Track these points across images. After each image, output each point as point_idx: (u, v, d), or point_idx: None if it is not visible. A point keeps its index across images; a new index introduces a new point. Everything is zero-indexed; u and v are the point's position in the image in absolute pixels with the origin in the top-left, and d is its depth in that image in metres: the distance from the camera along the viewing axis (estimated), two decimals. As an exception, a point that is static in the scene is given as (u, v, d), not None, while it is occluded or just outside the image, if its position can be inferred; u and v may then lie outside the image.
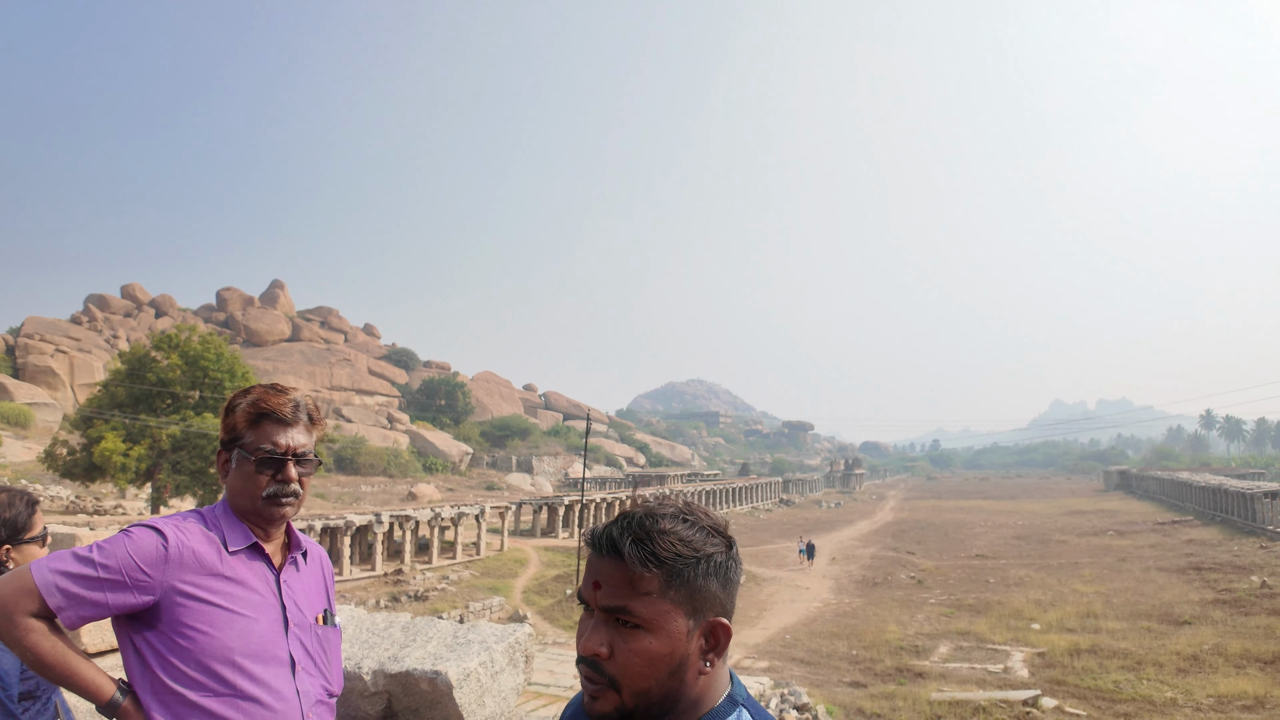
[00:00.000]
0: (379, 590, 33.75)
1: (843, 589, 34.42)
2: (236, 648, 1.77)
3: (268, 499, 1.90)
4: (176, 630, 1.74)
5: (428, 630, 3.02)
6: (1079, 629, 23.84)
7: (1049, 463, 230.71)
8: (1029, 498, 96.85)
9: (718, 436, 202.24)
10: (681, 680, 1.13)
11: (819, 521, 69.55)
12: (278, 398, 1.96)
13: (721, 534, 1.19)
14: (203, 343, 38.96)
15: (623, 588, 1.12)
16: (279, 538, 1.99)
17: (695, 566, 1.13)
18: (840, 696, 18.01)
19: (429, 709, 2.68)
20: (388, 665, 2.76)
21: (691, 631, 1.13)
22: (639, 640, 1.11)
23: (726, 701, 1.18)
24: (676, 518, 1.16)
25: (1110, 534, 50.94)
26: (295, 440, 1.94)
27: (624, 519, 1.18)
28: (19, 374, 71.08)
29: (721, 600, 1.17)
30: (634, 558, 1.12)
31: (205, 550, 1.81)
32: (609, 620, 1.14)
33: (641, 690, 1.11)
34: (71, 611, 1.67)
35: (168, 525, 1.81)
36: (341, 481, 69.45)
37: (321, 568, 2.11)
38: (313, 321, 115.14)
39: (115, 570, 1.69)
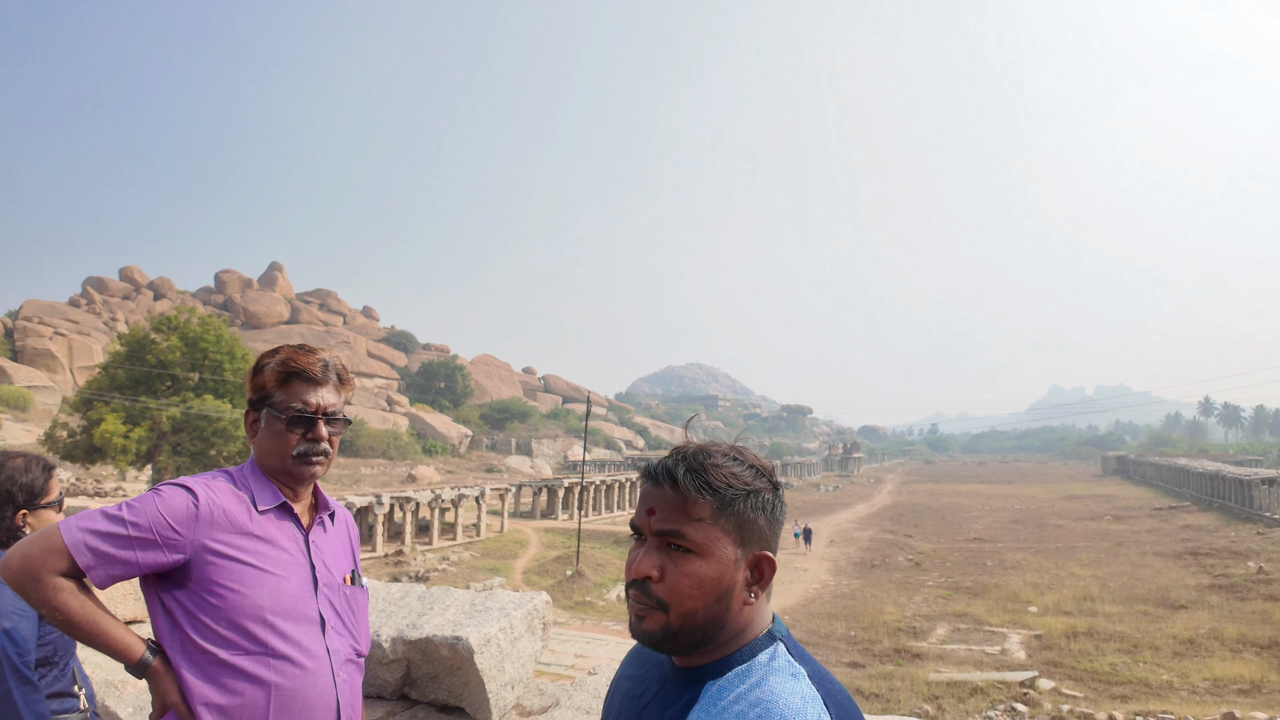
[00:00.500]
0: (380, 571, 33.87)
1: (841, 571, 34.55)
2: (267, 606, 1.75)
3: (298, 458, 1.89)
4: (207, 589, 1.72)
5: (445, 599, 3.05)
6: (1076, 612, 23.97)
7: (1047, 448, 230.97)
8: (1026, 482, 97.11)
9: (717, 420, 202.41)
10: (727, 607, 1.18)
11: (817, 505, 69.74)
12: (307, 357, 1.95)
13: (769, 475, 1.24)
14: (202, 325, 38.91)
15: (677, 513, 1.18)
16: (307, 498, 1.99)
17: (745, 499, 1.19)
18: (839, 676, 18.04)
19: (449, 675, 2.71)
20: (407, 633, 2.78)
21: (739, 561, 1.18)
22: (690, 564, 1.16)
23: (766, 636, 1.22)
24: (728, 455, 1.22)
25: (1108, 519, 51.13)
26: (325, 399, 1.94)
27: (679, 452, 1.23)
28: (18, 357, 71.01)
29: (767, 536, 1.22)
30: (689, 485, 1.17)
31: (235, 509, 1.80)
32: (661, 545, 1.19)
33: (689, 611, 1.16)
34: (101, 570, 1.65)
35: (198, 483, 1.79)
36: (341, 464, 69.51)
37: (348, 530, 2.12)
38: (311, 304, 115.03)
39: (146, 528, 1.68)
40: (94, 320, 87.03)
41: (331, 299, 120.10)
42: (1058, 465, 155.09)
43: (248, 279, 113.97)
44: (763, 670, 1.17)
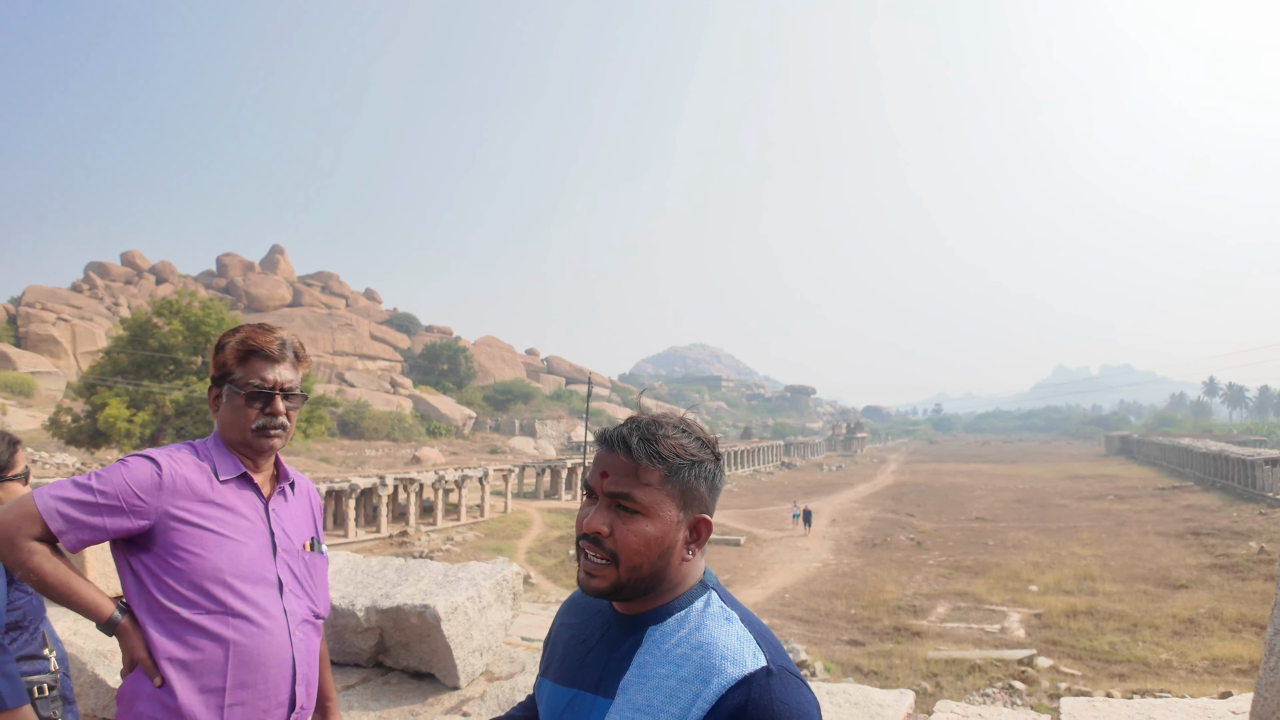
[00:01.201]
0: (384, 551, 34.06)
1: (842, 550, 34.70)
2: (226, 568, 1.87)
3: (256, 431, 1.99)
4: (170, 552, 1.83)
5: (419, 571, 3.11)
6: (1076, 591, 24.07)
7: (1051, 427, 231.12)
8: (1030, 462, 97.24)
9: (720, 400, 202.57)
10: (668, 562, 1.33)
11: (820, 484, 69.93)
12: (265, 335, 2.04)
13: (712, 447, 1.38)
14: (204, 308, 39.00)
15: (628, 478, 1.31)
16: (268, 469, 2.09)
17: (689, 468, 1.32)
18: (838, 654, 18.23)
19: (419, 642, 2.76)
20: (380, 602, 2.84)
21: (680, 522, 1.33)
22: (637, 523, 1.30)
23: (699, 585, 1.38)
24: (677, 427, 1.36)
25: (1110, 498, 51.24)
26: (282, 376, 2.03)
27: (633, 422, 1.37)
28: (21, 343, 71.15)
29: (706, 501, 1.36)
30: (640, 453, 1.31)
31: (197, 478, 1.91)
32: (612, 505, 1.33)
33: (635, 565, 1.30)
34: (72, 535, 1.77)
35: (162, 454, 1.91)
36: (346, 446, 69.74)
37: (310, 499, 2.23)
38: (313, 287, 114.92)
39: (113, 496, 1.79)
40: (97, 305, 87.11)
41: (333, 282, 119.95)
42: (1061, 445, 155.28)
43: (249, 262, 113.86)
44: (699, 616, 1.32)
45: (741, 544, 36.84)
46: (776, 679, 1.22)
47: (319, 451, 63.26)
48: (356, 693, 2.74)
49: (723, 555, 34.25)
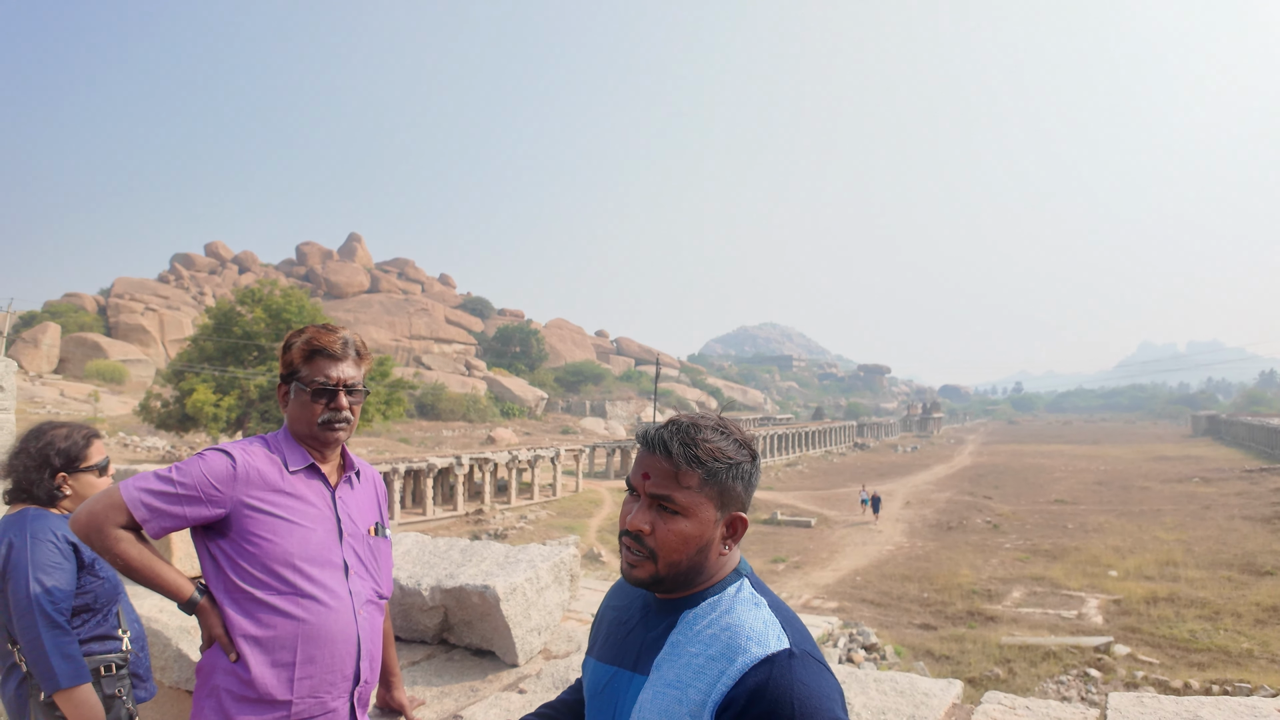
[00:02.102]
0: (460, 529, 34.83)
1: (916, 532, 34.28)
2: (296, 552, 2.04)
3: (323, 425, 2.15)
4: (245, 538, 2.01)
5: (483, 552, 3.27)
6: (1157, 577, 23.40)
7: (1135, 406, 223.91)
8: (1113, 443, 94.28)
9: (791, 380, 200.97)
10: (705, 557, 1.43)
11: (894, 466, 69.01)
12: (328, 335, 2.19)
13: (749, 447, 1.47)
14: (284, 296, 40.10)
15: (668, 480, 1.40)
16: (334, 460, 2.25)
17: (727, 470, 1.41)
18: (909, 638, 18.10)
19: (480, 621, 2.93)
20: (444, 582, 3.01)
21: (718, 520, 1.42)
22: (677, 523, 1.40)
23: (733, 574, 1.47)
24: (716, 429, 1.44)
25: (1195, 481, 49.43)
26: (345, 373, 2.19)
27: (673, 424, 1.45)
28: (112, 333, 74.28)
29: (743, 499, 1.45)
30: (680, 457, 1.39)
31: (268, 469, 2.08)
32: (653, 505, 1.42)
33: (674, 561, 1.41)
34: (155, 523, 1.95)
35: (236, 448, 2.08)
36: (424, 427, 71.31)
37: (375, 487, 2.39)
38: (390, 273, 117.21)
39: (191, 487, 1.97)
40: (183, 295, 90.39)
41: (409, 268, 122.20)
42: (1146, 425, 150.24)
43: (328, 250, 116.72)
44: (730, 600, 1.42)
45: (812, 525, 36.70)
46: (798, 661, 1.31)
47: (398, 432, 64.84)
48: (421, 668, 2.92)
49: (793, 536, 34.17)
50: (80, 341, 67.63)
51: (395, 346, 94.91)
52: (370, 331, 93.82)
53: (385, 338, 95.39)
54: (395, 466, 35.61)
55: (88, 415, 50.82)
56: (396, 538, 3.65)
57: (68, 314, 75.00)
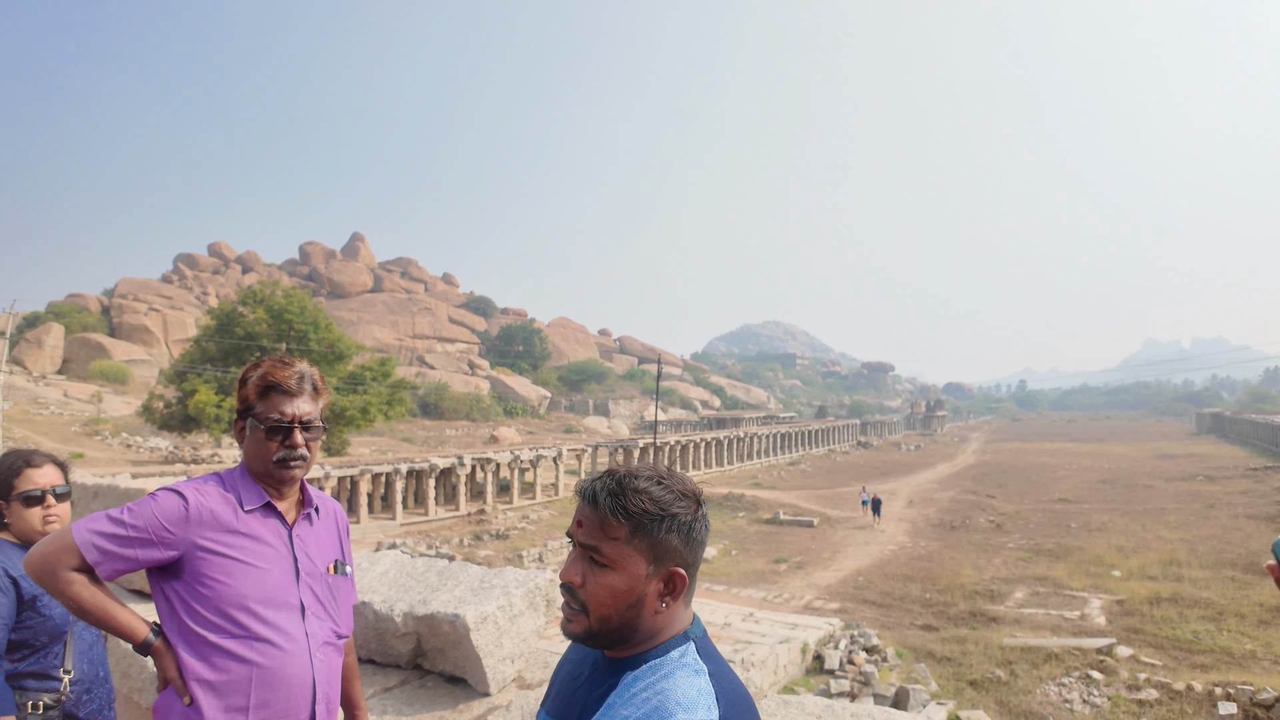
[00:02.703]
0: (463, 530, 34.80)
1: (919, 532, 34.19)
2: (250, 595, 1.99)
3: (277, 463, 2.10)
4: (198, 580, 1.97)
5: (459, 575, 3.23)
6: (1161, 577, 23.31)
7: (1140, 404, 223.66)
8: (1117, 440, 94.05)
9: (794, 379, 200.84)
10: (639, 614, 1.36)
11: (897, 464, 68.89)
12: (284, 370, 2.14)
13: (691, 497, 1.40)
14: (286, 296, 40.13)
15: (596, 531, 1.37)
16: (292, 496, 2.20)
17: (659, 522, 1.35)
18: (911, 639, 18.05)
19: (452, 649, 2.89)
20: (416, 608, 2.98)
21: (651, 575, 1.36)
22: (605, 576, 1.35)
23: (679, 636, 1.40)
24: (651, 479, 1.39)
25: (1199, 479, 49.27)
26: (300, 409, 2.13)
27: (608, 475, 1.41)
28: (115, 333, 74.43)
29: (682, 554, 1.38)
30: (607, 508, 1.36)
31: (222, 509, 2.04)
32: (585, 556, 1.39)
33: (604, 616, 1.36)
34: (107, 565, 1.92)
35: (188, 488, 2.04)
36: (427, 426, 71.38)
37: (336, 521, 2.34)
38: (393, 272, 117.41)
39: (143, 529, 1.93)
40: (186, 295, 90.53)
41: (412, 267, 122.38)
42: (1150, 423, 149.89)
43: (331, 250, 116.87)
44: (672, 665, 1.36)
45: (815, 525, 36.63)
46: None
47: (401, 432, 64.89)
48: (393, 695, 2.88)
49: (796, 536, 34.11)
50: (84, 342, 67.75)
51: (398, 346, 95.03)
52: (373, 331, 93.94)
53: (388, 337, 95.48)
54: (397, 467, 35.60)
55: (91, 416, 50.90)
56: (374, 558, 3.60)
57: (71, 314, 75.14)
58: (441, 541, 31.54)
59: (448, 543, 31.27)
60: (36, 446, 3.08)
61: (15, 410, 48.41)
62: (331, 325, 41.81)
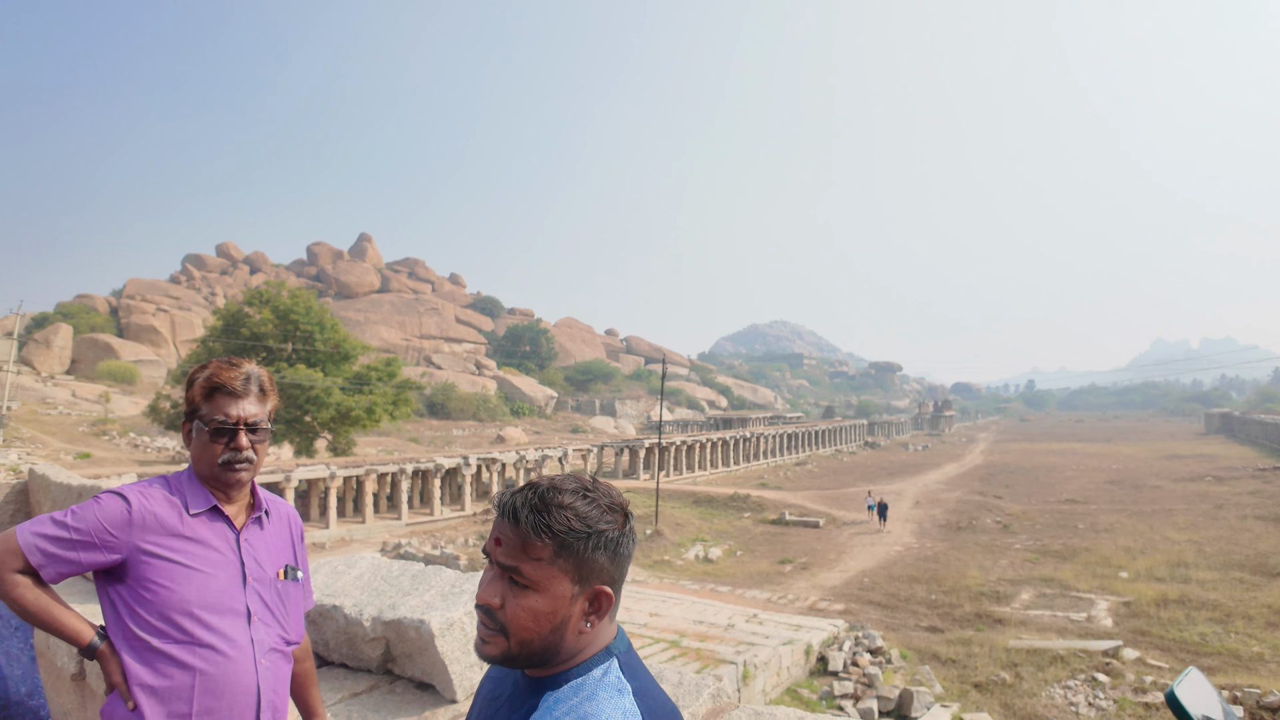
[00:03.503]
0: (468, 530, 34.79)
1: (925, 533, 34.07)
2: (194, 600, 1.96)
3: (223, 465, 2.05)
4: (141, 584, 1.94)
5: (432, 579, 3.17)
6: (1168, 578, 23.17)
7: (1148, 404, 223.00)
8: (1125, 441, 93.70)
9: (802, 379, 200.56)
10: (562, 636, 1.28)
11: (905, 465, 68.71)
12: (230, 371, 2.09)
13: (618, 510, 1.31)
14: (292, 297, 40.23)
15: (517, 551, 1.26)
16: (242, 499, 2.15)
17: (585, 540, 1.25)
18: (916, 641, 17.96)
19: (420, 654, 2.84)
20: (385, 613, 2.92)
21: (576, 596, 1.27)
22: (527, 598, 1.25)
23: (603, 652, 1.32)
24: (577, 493, 1.28)
25: (1208, 479, 49.02)
26: (246, 411, 2.08)
27: (529, 489, 1.29)
28: (124, 333, 74.70)
29: (609, 571, 1.29)
30: (529, 527, 1.25)
31: (166, 513, 2.00)
32: (503, 576, 1.28)
33: (525, 640, 1.26)
34: (51, 568, 1.88)
35: (133, 492, 2.00)
36: (434, 426, 71.49)
37: (289, 526, 2.29)
38: (400, 272, 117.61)
39: (86, 533, 1.90)
40: (194, 295, 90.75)
41: (420, 267, 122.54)
42: (1159, 423, 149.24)
43: (338, 250, 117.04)
44: (594, 685, 1.27)
45: (820, 526, 36.52)
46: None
47: (409, 432, 65.00)
48: (360, 701, 2.83)
49: (801, 537, 34.01)
50: (92, 342, 67.97)
51: (405, 346, 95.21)
52: (381, 331, 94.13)
53: (395, 337, 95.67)
54: (403, 467, 35.63)
55: (98, 416, 51.07)
56: (352, 560, 3.55)
57: (80, 315, 75.43)
58: (447, 541, 31.53)
59: (453, 543, 31.26)
60: (45, 443, 2.92)
61: (23, 410, 48.62)
62: (337, 325, 41.88)
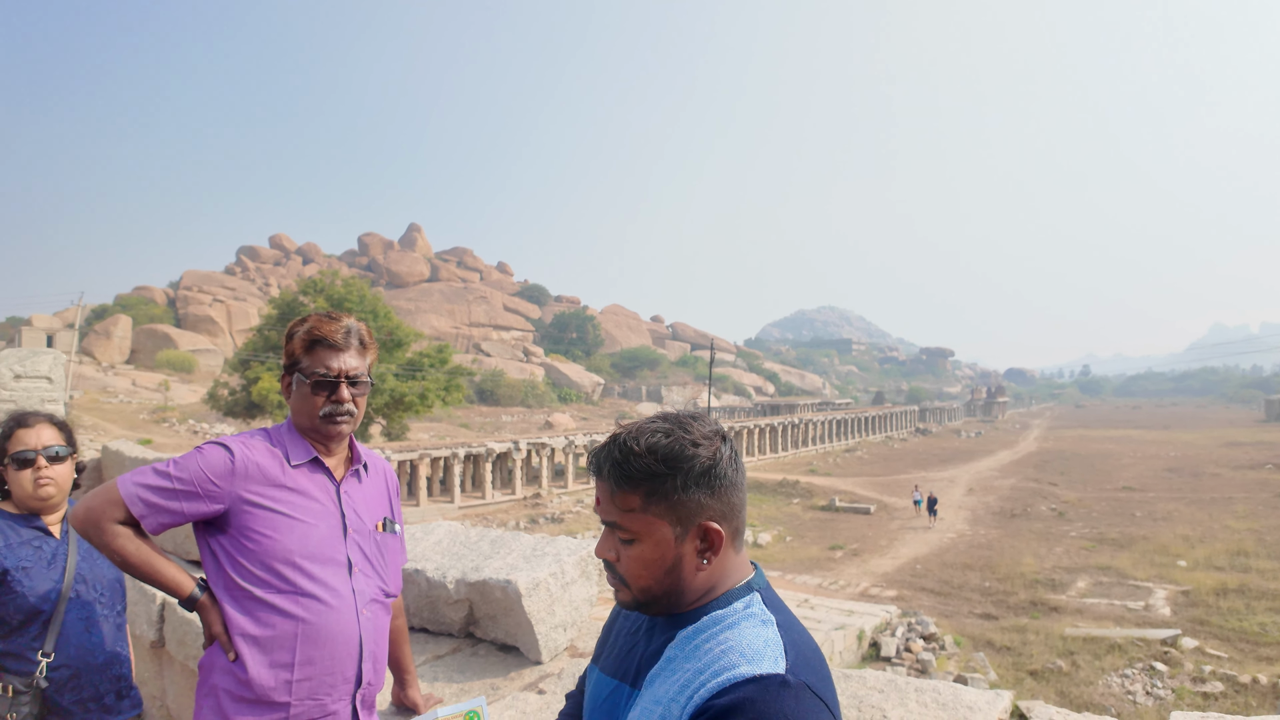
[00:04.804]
0: (518, 513, 35.22)
1: (978, 520, 33.68)
2: (296, 550, 1.97)
3: (324, 418, 2.06)
4: (244, 534, 1.95)
5: (511, 544, 3.23)
6: (1228, 567, 22.68)
7: (1206, 390, 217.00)
8: (1183, 427, 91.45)
9: (850, 365, 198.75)
10: (679, 578, 1.27)
11: (957, 451, 67.87)
12: (330, 325, 2.10)
13: (708, 440, 1.26)
14: (345, 286, 40.84)
15: (610, 506, 1.27)
16: (341, 452, 2.16)
17: (673, 479, 1.23)
18: (969, 628, 17.81)
19: (504, 616, 2.89)
20: (469, 575, 2.97)
21: (680, 537, 1.25)
22: (633, 549, 1.27)
23: (743, 587, 1.30)
24: (658, 432, 1.26)
25: (1269, 467, 47.66)
26: (347, 364, 2.09)
27: (610, 442, 1.29)
28: (181, 324, 76.60)
29: (711, 505, 1.25)
30: (611, 480, 1.26)
31: (268, 463, 2.01)
32: (611, 531, 1.30)
33: (644, 587, 1.28)
34: (152, 519, 1.90)
35: (234, 442, 2.01)
36: (484, 412, 72.26)
37: (386, 479, 2.31)
38: (449, 262, 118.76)
39: (189, 482, 1.91)
40: (249, 286, 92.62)
41: (468, 256, 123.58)
42: (1218, 409, 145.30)
43: (389, 240, 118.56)
44: (737, 616, 1.26)
45: (871, 512, 36.29)
46: (791, 691, 1.12)
47: (459, 418, 65.78)
48: (445, 663, 2.89)
49: (851, 523, 33.84)
50: (151, 333, 69.78)
51: (455, 334, 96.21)
52: (431, 319, 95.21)
53: (445, 325, 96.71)
54: (455, 451, 36.14)
55: (158, 404, 52.47)
56: (429, 528, 3.64)
57: (138, 306, 77.48)
58: (498, 524, 31.95)
59: (504, 525, 31.67)
60: (106, 430, 2.95)
61: (85, 399, 50.11)
62: (390, 314, 42.41)
